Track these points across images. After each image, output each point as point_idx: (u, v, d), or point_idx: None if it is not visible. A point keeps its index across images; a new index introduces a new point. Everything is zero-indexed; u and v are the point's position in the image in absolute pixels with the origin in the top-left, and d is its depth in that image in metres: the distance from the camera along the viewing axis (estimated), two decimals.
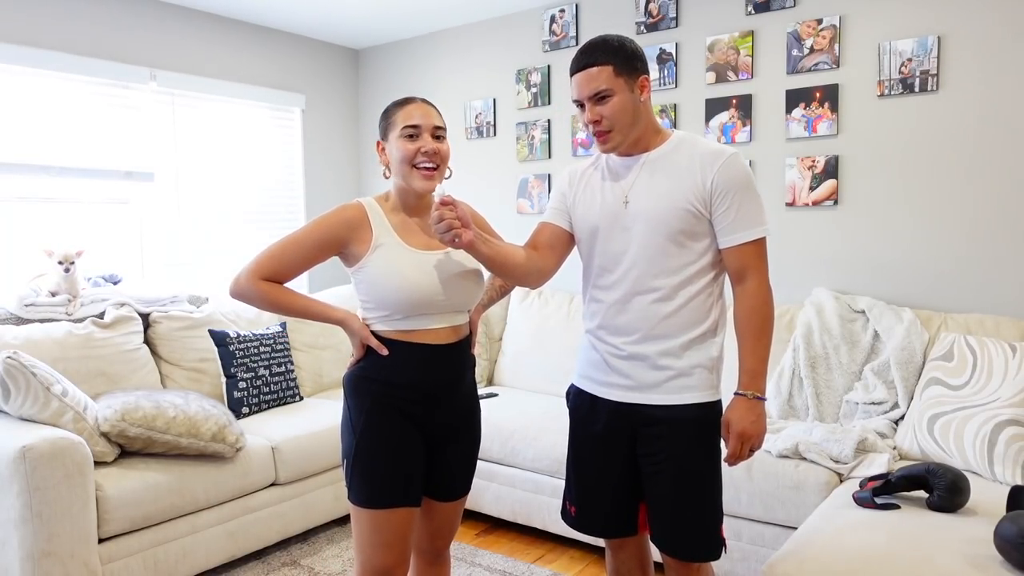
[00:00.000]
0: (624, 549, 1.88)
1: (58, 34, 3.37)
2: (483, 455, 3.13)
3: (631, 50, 1.67)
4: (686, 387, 1.68)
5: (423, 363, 1.70)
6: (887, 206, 3.02)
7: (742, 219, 1.64)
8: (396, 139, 1.69)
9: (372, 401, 1.69)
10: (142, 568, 2.47)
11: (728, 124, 3.37)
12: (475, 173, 4.27)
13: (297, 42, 4.41)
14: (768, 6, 3.23)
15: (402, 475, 1.67)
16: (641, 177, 1.71)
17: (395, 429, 1.68)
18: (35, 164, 3.32)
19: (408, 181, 1.70)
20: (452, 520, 1.88)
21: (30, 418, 2.42)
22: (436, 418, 1.74)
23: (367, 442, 1.67)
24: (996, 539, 1.68)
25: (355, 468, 1.67)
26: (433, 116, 1.71)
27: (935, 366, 2.56)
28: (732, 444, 1.66)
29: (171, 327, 3.27)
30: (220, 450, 2.66)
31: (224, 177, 4.06)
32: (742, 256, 1.66)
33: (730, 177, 1.64)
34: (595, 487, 1.81)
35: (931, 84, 2.89)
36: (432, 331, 1.71)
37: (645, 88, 1.68)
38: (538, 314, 3.72)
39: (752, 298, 1.67)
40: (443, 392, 1.74)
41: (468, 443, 1.83)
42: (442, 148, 1.70)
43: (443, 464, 1.79)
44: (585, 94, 1.66)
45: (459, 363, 1.77)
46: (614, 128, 1.67)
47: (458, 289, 1.72)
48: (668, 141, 1.73)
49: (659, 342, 1.69)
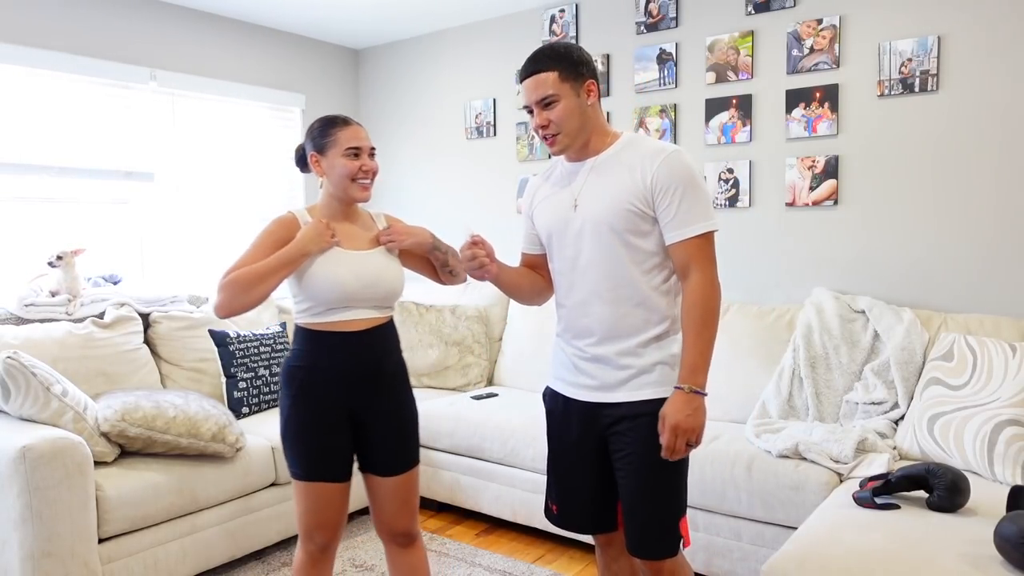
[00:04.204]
0: (612, 546, 1.91)
1: (58, 34, 3.37)
2: (483, 455, 3.13)
3: (577, 57, 1.71)
4: (647, 383, 1.71)
5: (344, 349, 1.90)
6: (887, 206, 3.02)
7: (684, 215, 1.66)
8: (338, 156, 1.91)
9: (298, 387, 1.90)
10: (142, 568, 2.47)
11: (728, 124, 3.37)
12: (475, 173, 4.27)
13: (297, 42, 4.41)
14: (768, 6, 3.23)
15: (325, 453, 1.89)
16: (589, 180, 1.75)
17: (318, 413, 1.89)
18: (35, 164, 3.32)
19: (349, 192, 1.94)
20: (403, 498, 1.98)
21: (30, 418, 2.42)
22: (361, 400, 1.92)
23: (294, 424, 1.90)
24: (996, 539, 1.68)
25: (286, 447, 1.92)
26: (369, 138, 1.98)
27: (935, 366, 2.56)
28: (667, 437, 1.64)
29: (171, 327, 3.27)
30: (220, 450, 2.66)
31: (224, 177, 4.06)
32: (686, 251, 1.68)
33: (669, 173, 1.66)
34: (573, 485, 1.85)
35: (931, 84, 2.89)
36: (353, 321, 1.91)
37: (591, 93, 1.73)
38: (538, 314, 3.72)
39: (694, 293, 1.67)
40: (366, 374, 1.92)
41: (399, 420, 1.98)
42: (375, 166, 1.98)
43: (376, 442, 1.95)
44: (533, 99, 1.72)
45: (379, 347, 1.95)
46: (561, 131, 1.71)
47: (381, 285, 1.94)
48: (616, 143, 1.76)
49: (617, 342, 1.72)
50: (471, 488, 3.19)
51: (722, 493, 2.51)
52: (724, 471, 2.51)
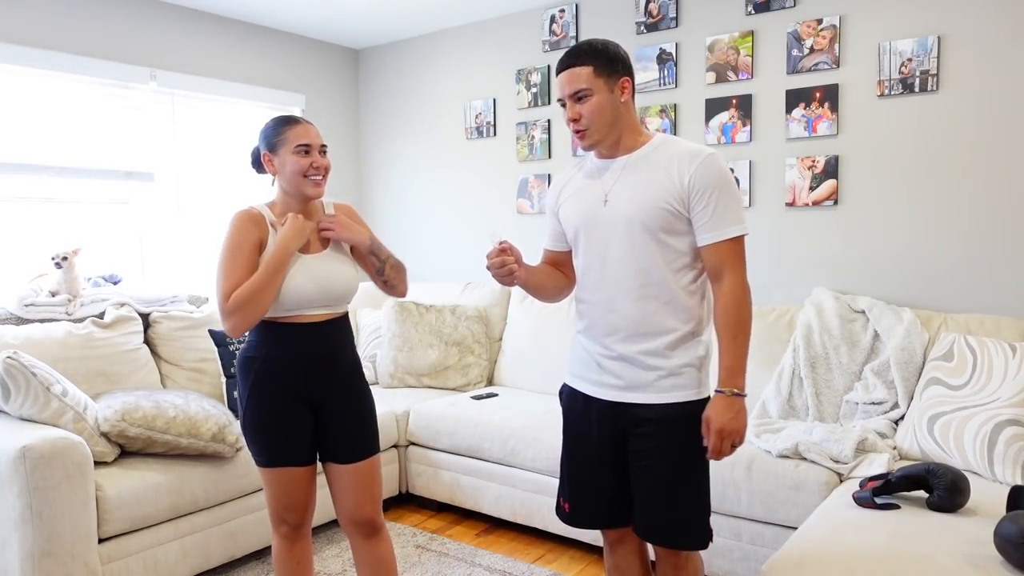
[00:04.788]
0: (622, 544, 1.91)
1: (58, 34, 3.37)
2: (483, 455, 3.13)
3: (614, 53, 1.72)
4: (676, 386, 1.73)
5: (300, 338, 1.94)
6: (887, 206, 3.02)
7: (719, 218, 1.68)
8: (288, 154, 1.94)
9: (255, 378, 1.93)
10: (142, 568, 2.47)
11: (728, 124, 3.37)
12: (475, 173, 4.27)
13: (297, 42, 4.41)
14: (768, 6, 3.23)
15: (283, 440, 1.93)
16: (621, 178, 1.76)
17: (274, 401, 1.93)
18: (35, 164, 3.32)
19: (302, 189, 1.97)
20: (365, 485, 2.00)
21: (30, 418, 2.42)
22: (317, 389, 1.96)
23: (253, 413, 1.93)
24: (996, 539, 1.68)
25: (247, 436, 1.96)
26: (319, 136, 2.00)
27: (935, 366, 2.56)
28: (712, 440, 1.68)
29: (171, 327, 3.27)
30: (220, 450, 2.65)
31: (224, 177, 4.06)
32: (720, 254, 1.69)
33: (707, 176, 1.67)
34: (589, 484, 1.85)
35: (931, 84, 2.89)
36: (309, 315, 1.96)
37: (625, 90, 1.74)
38: (538, 314, 3.72)
39: (728, 296, 1.69)
40: (322, 363, 1.96)
41: (358, 410, 2.01)
42: (327, 162, 2.00)
43: (334, 430, 1.98)
44: (566, 92, 1.73)
45: (335, 338, 1.99)
46: (591, 126, 1.73)
47: (335, 287, 1.98)
48: (649, 143, 1.77)
49: (643, 341, 1.73)
50: (471, 488, 3.19)
51: (722, 493, 2.51)
52: (724, 471, 2.51)
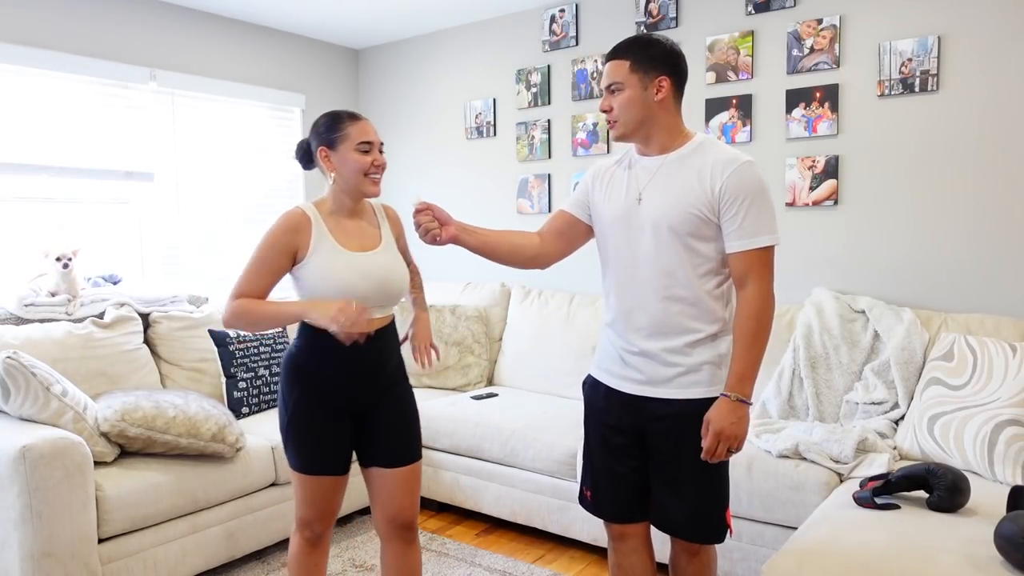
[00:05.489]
0: (627, 539, 1.92)
1: (58, 34, 3.37)
2: (483, 455, 3.13)
3: (656, 51, 1.73)
4: (695, 383, 1.75)
5: (350, 351, 1.90)
6: (887, 206, 3.02)
7: (748, 226, 1.68)
8: (350, 151, 1.90)
9: (301, 387, 1.92)
10: (142, 568, 2.47)
11: (728, 124, 3.37)
12: (475, 173, 4.27)
13: (297, 42, 4.41)
14: (768, 6, 3.23)
15: (325, 449, 1.93)
16: (656, 178, 1.77)
17: (320, 411, 1.92)
18: (35, 164, 3.32)
19: (360, 187, 1.93)
20: (410, 488, 2.01)
21: (30, 418, 2.42)
22: (365, 397, 1.96)
23: (297, 420, 1.92)
24: (996, 539, 1.68)
25: (288, 441, 1.95)
26: (377, 133, 1.98)
27: (935, 366, 2.56)
28: (708, 441, 1.69)
29: (171, 327, 3.27)
30: (220, 450, 2.65)
31: (224, 177, 4.06)
32: (746, 262, 1.70)
33: (739, 184, 1.67)
34: (608, 474, 1.88)
35: (931, 84, 2.89)
36: None
37: (662, 89, 1.73)
38: (538, 314, 3.72)
39: (749, 304, 1.70)
40: (371, 374, 1.96)
41: (404, 415, 2.01)
42: (385, 160, 1.98)
43: (380, 435, 1.98)
44: (604, 83, 1.78)
45: (384, 348, 1.98)
46: (620, 120, 1.76)
47: (386, 287, 1.94)
48: (688, 144, 1.77)
49: (665, 339, 1.75)
50: (471, 488, 3.19)
51: None
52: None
